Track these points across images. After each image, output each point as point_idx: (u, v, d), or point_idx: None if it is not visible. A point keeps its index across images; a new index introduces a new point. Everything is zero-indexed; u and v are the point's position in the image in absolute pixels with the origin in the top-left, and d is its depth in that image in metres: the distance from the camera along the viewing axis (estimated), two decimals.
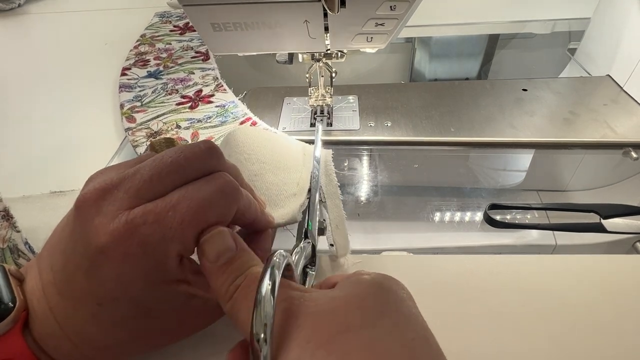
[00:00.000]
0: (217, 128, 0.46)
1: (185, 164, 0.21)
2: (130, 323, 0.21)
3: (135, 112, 0.48)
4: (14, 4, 0.76)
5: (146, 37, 0.64)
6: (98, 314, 0.20)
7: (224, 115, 0.47)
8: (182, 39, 0.63)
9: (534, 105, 0.49)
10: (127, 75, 0.55)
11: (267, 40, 0.36)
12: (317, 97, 0.48)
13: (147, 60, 0.58)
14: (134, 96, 0.51)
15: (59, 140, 0.45)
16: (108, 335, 0.21)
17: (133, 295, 0.20)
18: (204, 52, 0.59)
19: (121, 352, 0.22)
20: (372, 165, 0.53)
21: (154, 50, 0.60)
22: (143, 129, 0.46)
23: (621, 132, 0.44)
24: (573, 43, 0.64)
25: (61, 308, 0.20)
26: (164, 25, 0.67)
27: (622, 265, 0.29)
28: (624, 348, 0.24)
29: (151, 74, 0.55)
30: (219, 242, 0.20)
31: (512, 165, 0.56)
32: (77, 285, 0.20)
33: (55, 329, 0.20)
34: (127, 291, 0.20)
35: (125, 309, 0.20)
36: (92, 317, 0.20)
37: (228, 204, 0.22)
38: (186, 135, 0.45)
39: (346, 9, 0.33)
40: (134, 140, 0.44)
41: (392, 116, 0.48)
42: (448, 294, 0.27)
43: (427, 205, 0.53)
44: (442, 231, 0.51)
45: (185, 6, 0.33)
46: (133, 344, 0.22)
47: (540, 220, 0.46)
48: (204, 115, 0.47)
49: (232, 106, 0.48)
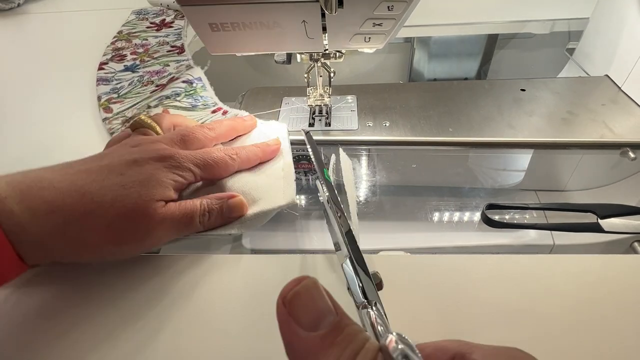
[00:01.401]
0: (189, 112, 0.45)
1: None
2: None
3: (112, 103, 0.49)
4: (14, 4, 0.76)
5: (123, 33, 0.65)
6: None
7: (192, 96, 0.47)
8: (158, 35, 0.64)
9: (532, 105, 0.49)
10: (105, 69, 0.56)
11: (266, 40, 0.36)
12: (316, 97, 0.48)
13: (124, 55, 0.59)
14: (111, 88, 0.52)
15: (54, 140, 0.45)
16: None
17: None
18: (179, 45, 0.60)
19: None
20: (371, 165, 0.53)
21: (131, 45, 0.61)
22: (119, 117, 0.47)
23: (619, 132, 0.44)
24: (572, 43, 0.64)
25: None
26: (141, 22, 0.68)
27: (620, 265, 0.29)
28: (621, 348, 0.24)
29: (128, 68, 0.56)
30: (314, 301, 0.16)
31: (510, 165, 0.56)
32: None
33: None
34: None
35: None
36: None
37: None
38: (157, 112, 0.44)
39: (344, 9, 0.33)
40: (110, 129, 0.45)
41: (390, 116, 0.48)
42: (446, 294, 0.27)
43: (425, 205, 0.53)
44: (440, 231, 0.51)
45: (183, 6, 0.33)
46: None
47: (538, 220, 0.46)
48: (172, 92, 0.47)
49: (200, 86, 0.48)
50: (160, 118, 0.36)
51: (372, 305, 0.19)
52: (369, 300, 0.20)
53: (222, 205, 0.32)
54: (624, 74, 0.50)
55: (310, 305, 0.15)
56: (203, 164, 0.32)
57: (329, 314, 0.15)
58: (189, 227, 0.30)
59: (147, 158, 0.30)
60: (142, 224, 0.28)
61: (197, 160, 0.32)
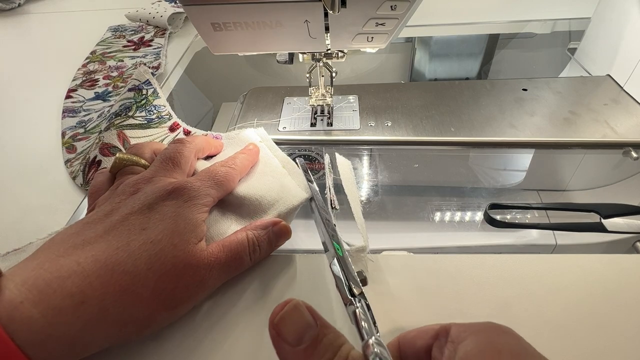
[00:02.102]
0: (145, 131, 0.41)
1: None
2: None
3: (77, 141, 0.43)
4: (14, 4, 0.76)
5: (96, 54, 0.59)
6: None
7: (145, 107, 0.42)
8: (135, 55, 0.58)
9: (534, 105, 0.49)
10: (72, 97, 0.50)
11: (268, 40, 0.36)
12: (318, 97, 0.48)
13: (95, 80, 0.53)
14: (78, 122, 0.46)
15: (55, 140, 0.45)
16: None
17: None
18: (156, 66, 0.55)
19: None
20: (372, 165, 0.53)
21: (104, 68, 0.56)
22: (80, 157, 0.41)
23: (621, 132, 0.44)
24: (573, 43, 0.64)
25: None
26: (117, 40, 0.63)
27: (622, 265, 0.29)
28: (624, 347, 0.24)
29: (99, 96, 0.50)
30: (296, 320, 0.19)
31: (512, 165, 0.56)
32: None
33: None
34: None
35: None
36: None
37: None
38: (111, 138, 0.39)
39: (347, 8, 0.33)
40: (72, 172, 0.40)
41: (392, 116, 0.48)
42: (448, 294, 0.27)
43: (428, 205, 0.53)
44: (443, 231, 0.51)
45: (185, 6, 0.33)
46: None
47: (540, 220, 0.46)
48: (120, 106, 0.41)
49: (150, 92, 0.43)
50: (138, 148, 0.33)
51: (357, 302, 0.22)
52: (355, 297, 0.23)
53: (269, 235, 0.29)
54: (626, 74, 0.50)
55: (294, 324, 0.19)
56: (215, 183, 0.29)
57: (310, 329, 0.18)
58: (240, 267, 0.28)
59: (159, 199, 0.26)
60: (190, 278, 0.24)
61: (209, 182, 0.29)
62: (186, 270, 0.24)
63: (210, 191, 0.29)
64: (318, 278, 0.29)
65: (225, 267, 0.27)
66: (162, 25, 0.64)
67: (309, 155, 0.47)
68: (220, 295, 0.28)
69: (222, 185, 0.30)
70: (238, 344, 0.26)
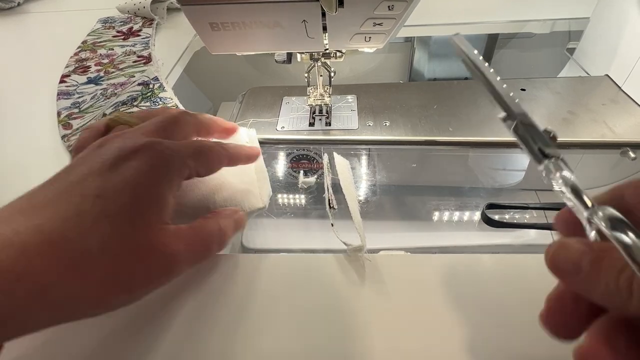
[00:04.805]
0: None
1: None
2: None
3: (72, 119, 0.46)
4: (14, 3, 0.76)
5: (87, 43, 0.62)
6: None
7: (150, 98, 0.44)
8: (125, 44, 0.60)
9: (532, 105, 0.49)
10: (66, 82, 0.52)
11: (266, 39, 0.36)
12: (316, 97, 0.48)
13: (87, 67, 0.55)
14: (72, 103, 0.48)
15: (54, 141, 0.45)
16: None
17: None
18: (146, 55, 0.57)
19: None
20: (371, 165, 0.53)
21: (95, 56, 0.58)
22: (78, 132, 0.43)
23: (619, 132, 0.44)
24: (572, 43, 0.64)
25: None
26: (107, 31, 0.66)
27: None
28: None
29: (91, 80, 0.52)
30: (568, 252, 0.18)
31: (510, 164, 0.56)
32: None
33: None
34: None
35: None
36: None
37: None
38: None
39: (344, 8, 0.33)
40: (69, 146, 0.42)
41: (390, 116, 0.48)
42: (445, 293, 0.27)
43: (425, 204, 0.53)
44: (440, 230, 0.51)
45: (183, 5, 0.33)
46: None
47: (538, 220, 0.46)
48: (127, 96, 0.44)
49: (157, 87, 0.45)
50: (141, 113, 0.30)
51: (554, 159, 0.21)
52: (549, 156, 0.21)
53: (235, 225, 0.28)
54: (625, 74, 0.50)
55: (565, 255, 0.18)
56: (198, 153, 0.25)
57: (585, 255, 0.17)
58: (207, 256, 0.25)
59: (124, 157, 0.22)
60: (152, 263, 0.21)
61: (190, 150, 0.25)
62: (148, 254, 0.21)
63: (189, 161, 0.24)
64: (318, 278, 0.29)
65: (192, 255, 0.24)
66: (148, 16, 0.67)
67: (306, 155, 0.48)
68: (214, 300, 0.28)
69: (205, 159, 0.26)
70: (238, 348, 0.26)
